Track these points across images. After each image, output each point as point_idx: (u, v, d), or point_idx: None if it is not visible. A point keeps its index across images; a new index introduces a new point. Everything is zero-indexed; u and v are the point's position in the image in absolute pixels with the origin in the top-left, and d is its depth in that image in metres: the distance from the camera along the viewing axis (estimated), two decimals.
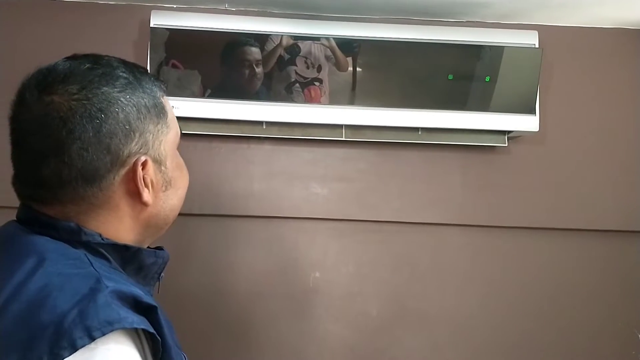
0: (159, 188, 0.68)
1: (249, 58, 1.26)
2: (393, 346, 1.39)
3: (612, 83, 1.44)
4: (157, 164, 0.67)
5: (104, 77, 0.63)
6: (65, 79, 0.62)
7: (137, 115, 0.64)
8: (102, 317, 0.53)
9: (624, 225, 1.43)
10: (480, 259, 1.42)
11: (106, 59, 0.67)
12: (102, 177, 0.62)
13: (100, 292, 0.55)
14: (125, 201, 0.66)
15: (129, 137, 0.63)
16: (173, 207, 0.73)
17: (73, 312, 0.52)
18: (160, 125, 0.68)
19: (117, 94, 0.63)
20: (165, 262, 0.73)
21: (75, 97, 0.60)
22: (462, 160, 1.41)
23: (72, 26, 1.37)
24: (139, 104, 0.65)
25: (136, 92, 0.65)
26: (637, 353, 1.44)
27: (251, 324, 1.38)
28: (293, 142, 1.38)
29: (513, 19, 1.39)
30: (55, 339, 0.51)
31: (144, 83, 0.67)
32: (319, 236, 1.40)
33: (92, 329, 0.51)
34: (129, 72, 0.66)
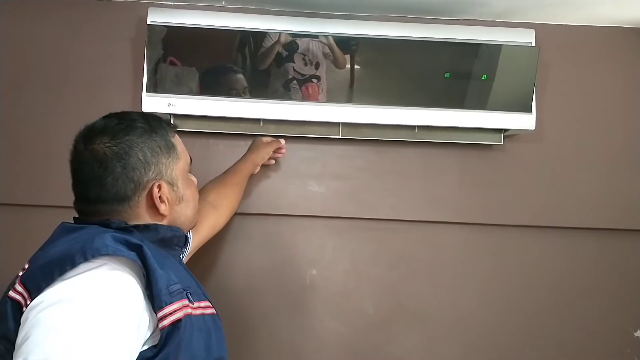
0: (173, 202, 0.93)
1: (235, 92, 1.27)
2: (389, 342, 1.40)
3: (609, 81, 1.44)
4: (170, 185, 0.92)
5: (126, 129, 0.89)
6: (101, 132, 0.88)
7: (152, 153, 0.90)
8: (95, 246, 0.77)
9: (619, 223, 1.44)
10: (476, 257, 1.43)
11: (130, 114, 0.92)
12: (130, 198, 0.88)
13: (101, 234, 0.79)
14: (149, 212, 0.91)
15: (147, 169, 0.89)
16: (187, 216, 0.97)
17: (78, 246, 0.78)
18: (171, 158, 0.93)
19: (136, 140, 0.88)
20: (182, 235, 0.96)
21: (107, 145, 0.87)
22: (459, 158, 1.42)
23: (69, 23, 1.36)
24: (154, 144, 0.90)
25: (150, 137, 0.90)
26: (631, 351, 1.45)
27: (248, 321, 1.38)
28: (290, 140, 1.38)
29: (510, 17, 1.39)
30: (64, 262, 0.76)
31: (157, 129, 0.92)
32: (316, 233, 1.41)
33: (87, 253, 0.76)
34: (146, 122, 0.91)
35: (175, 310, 0.80)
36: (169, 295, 0.80)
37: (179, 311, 0.80)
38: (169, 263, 0.85)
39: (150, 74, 1.26)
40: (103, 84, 1.36)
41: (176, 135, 0.97)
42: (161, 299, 0.78)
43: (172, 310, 0.79)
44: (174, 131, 0.97)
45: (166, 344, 0.78)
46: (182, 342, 0.79)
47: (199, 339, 0.83)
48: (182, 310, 0.80)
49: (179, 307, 0.80)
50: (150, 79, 1.26)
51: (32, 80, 1.36)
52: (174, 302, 0.80)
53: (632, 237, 1.45)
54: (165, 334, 0.78)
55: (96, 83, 1.36)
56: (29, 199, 1.36)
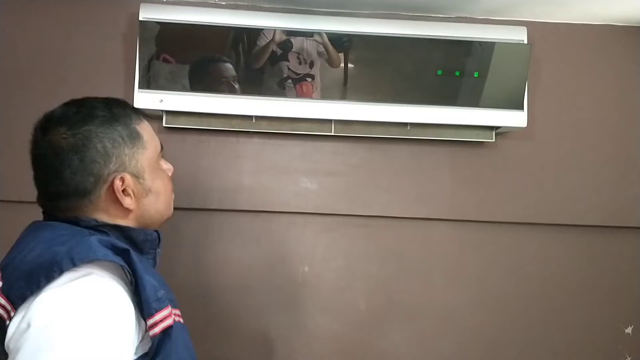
0: (140, 195, 0.87)
1: (225, 80, 1.26)
2: (381, 339, 1.40)
3: (600, 79, 1.45)
4: (135, 177, 0.86)
5: (85, 118, 0.82)
6: (58, 121, 0.82)
7: (113, 144, 0.83)
8: (83, 251, 0.73)
9: (610, 220, 1.44)
10: (468, 254, 1.43)
11: (90, 102, 0.85)
12: (90, 193, 0.83)
13: (87, 238, 0.76)
14: (113, 207, 0.85)
15: (108, 161, 0.83)
16: (157, 209, 0.91)
17: (64, 250, 0.73)
18: (136, 148, 0.86)
19: (95, 129, 0.82)
20: (155, 239, 0.90)
21: (64, 136, 0.81)
22: (450, 156, 1.42)
23: (61, 20, 1.36)
24: (115, 134, 0.84)
25: (112, 125, 0.84)
26: (622, 347, 1.45)
27: (240, 318, 1.38)
28: (282, 137, 1.38)
29: (502, 14, 1.39)
30: (49, 268, 0.72)
31: (120, 117, 0.85)
32: (308, 230, 1.41)
33: (75, 258, 0.72)
34: (107, 110, 0.85)
35: (164, 317, 0.78)
36: (158, 302, 0.78)
37: (168, 318, 0.78)
38: (147, 267, 0.82)
39: (142, 71, 1.26)
40: (95, 80, 1.36)
41: (144, 122, 0.90)
42: (150, 305, 0.76)
43: (162, 317, 0.77)
44: (142, 118, 0.90)
45: (159, 352, 0.76)
46: (173, 350, 0.78)
47: (184, 346, 0.83)
48: (171, 317, 0.79)
49: (167, 314, 0.79)
50: (143, 75, 1.26)
51: (24, 78, 1.35)
52: (163, 309, 0.78)
53: (623, 234, 1.45)
54: (157, 342, 0.76)
55: (88, 79, 1.36)
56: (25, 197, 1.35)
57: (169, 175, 0.96)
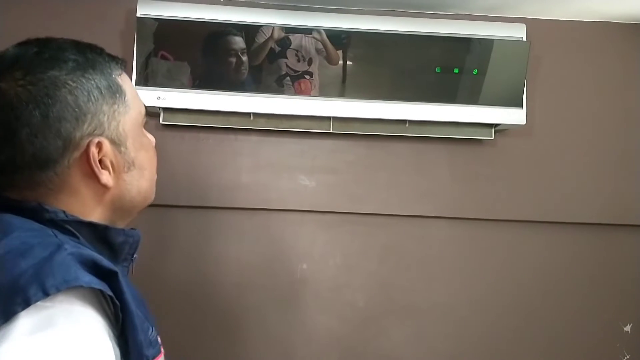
0: (120, 169, 0.68)
1: (234, 52, 1.25)
2: (380, 337, 1.40)
3: (599, 76, 1.44)
4: (115, 145, 0.67)
5: (50, 61, 0.63)
6: (12, 65, 0.62)
7: (88, 97, 0.64)
8: (58, 274, 0.53)
9: (609, 218, 1.44)
10: (467, 251, 1.43)
11: (57, 42, 0.67)
12: (56, 162, 0.62)
13: (60, 254, 0.55)
14: (85, 184, 0.66)
15: (80, 120, 0.63)
16: (140, 188, 0.72)
17: (30, 270, 0.53)
18: (117, 106, 0.67)
19: (64, 77, 0.62)
20: (137, 241, 0.72)
21: (20, 83, 0.61)
22: (449, 153, 1.42)
23: (57, 16, 1.35)
24: (90, 85, 0.64)
25: (87, 74, 0.65)
26: (621, 345, 1.45)
27: (238, 316, 1.38)
28: (281, 134, 1.38)
29: (501, 11, 1.39)
30: (10, 296, 0.51)
31: (97, 64, 0.67)
32: (307, 228, 1.40)
33: (47, 286, 0.52)
34: (80, 53, 0.66)
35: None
36: (150, 347, 0.62)
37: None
38: (129, 286, 0.63)
39: (140, 68, 1.25)
40: None
41: (125, 76, 0.72)
42: (142, 353, 0.60)
43: None
44: (123, 69, 0.72)
45: None
46: None
47: None
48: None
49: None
50: (141, 72, 1.25)
51: None
52: (158, 356, 0.64)
53: (622, 232, 1.45)
54: None
55: None
56: None
57: (154, 148, 0.79)
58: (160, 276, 1.36)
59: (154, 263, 1.36)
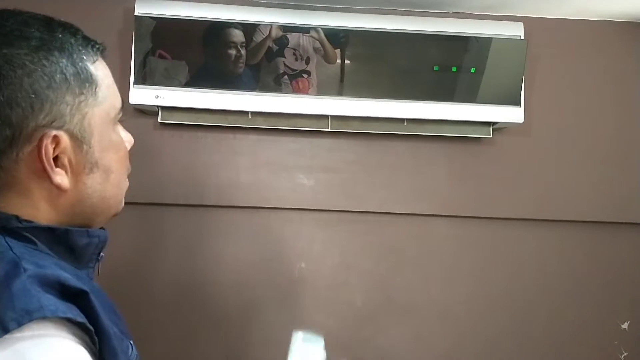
0: (81, 170, 0.59)
1: (233, 45, 1.26)
2: (378, 336, 1.40)
3: (597, 75, 1.45)
4: (77, 141, 0.58)
5: (8, 37, 0.55)
6: None
7: (49, 82, 0.55)
8: (19, 305, 0.46)
9: (607, 216, 1.44)
10: (465, 250, 1.43)
11: (23, 15, 0.59)
12: (3, 153, 0.54)
13: (17, 278, 0.48)
14: (36, 183, 0.57)
15: (36, 108, 0.54)
16: (104, 194, 0.63)
17: None
18: (84, 97, 0.58)
19: (22, 57, 0.54)
20: (103, 241, 0.64)
21: None
22: (447, 151, 1.42)
23: (55, 15, 1.34)
24: (53, 69, 0.55)
25: (51, 56, 0.56)
26: (619, 343, 1.46)
27: (237, 314, 1.38)
28: (279, 133, 1.38)
29: (498, 10, 1.39)
30: None
31: (66, 45, 0.58)
32: (305, 227, 1.40)
33: (6, 320, 0.45)
34: (48, 32, 0.58)
35: None
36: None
37: None
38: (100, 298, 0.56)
39: (138, 66, 1.25)
40: None
41: (101, 63, 0.64)
42: None
43: None
44: (99, 55, 0.64)
45: None
46: None
47: None
48: None
49: None
50: (139, 71, 1.25)
51: None
52: None
53: (620, 230, 1.45)
54: None
55: None
56: None
57: (127, 149, 0.68)
58: (158, 275, 1.36)
59: (152, 262, 1.36)
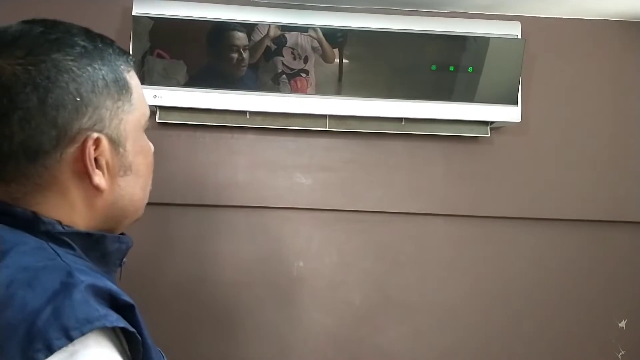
0: (116, 172, 0.62)
1: (235, 48, 1.26)
2: (375, 334, 1.41)
3: (594, 74, 1.45)
4: (114, 144, 0.61)
5: (56, 43, 0.57)
6: (13, 42, 0.56)
7: (92, 87, 0.58)
8: (80, 314, 0.48)
9: (604, 215, 1.45)
10: (463, 249, 1.43)
11: (66, 25, 0.61)
12: (47, 154, 0.56)
13: (76, 287, 0.50)
14: (75, 184, 0.59)
15: (80, 111, 0.57)
16: (133, 197, 0.66)
17: (46, 309, 0.47)
18: (122, 103, 0.62)
19: (69, 63, 0.57)
20: (129, 247, 0.68)
21: (21, 62, 0.55)
22: (445, 151, 1.42)
23: (51, 14, 1.33)
24: (96, 75, 0.59)
25: (94, 63, 0.59)
26: (616, 341, 1.46)
27: (235, 313, 1.39)
28: (277, 132, 1.38)
29: (496, 9, 1.39)
30: (28, 340, 0.46)
31: (106, 54, 0.61)
32: (303, 226, 1.41)
33: (69, 329, 0.47)
34: (90, 41, 0.60)
35: None
36: None
37: None
38: None
39: (136, 66, 1.25)
40: None
41: (133, 73, 0.66)
42: None
43: None
44: (132, 66, 0.67)
45: None
46: None
47: None
48: None
49: None
50: (137, 71, 1.25)
51: None
52: None
53: (617, 228, 1.46)
54: None
55: None
56: None
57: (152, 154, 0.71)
58: (156, 274, 1.36)
59: (150, 261, 1.36)
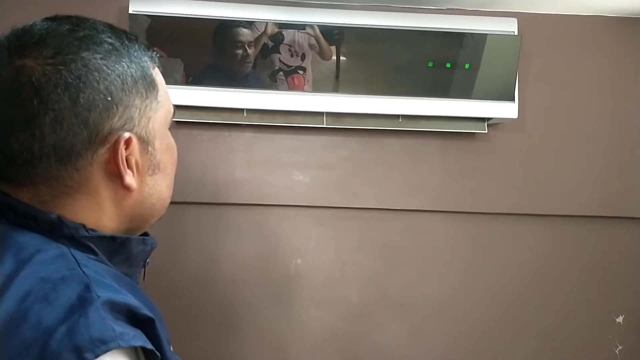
0: (145, 171, 0.61)
1: (233, 46, 1.26)
2: (373, 331, 1.41)
3: (590, 70, 1.45)
4: (143, 143, 0.60)
5: (84, 41, 0.56)
6: (41, 41, 0.55)
7: (122, 86, 0.57)
8: (95, 335, 0.46)
9: (602, 211, 1.45)
10: (460, 245, 1.44)
11: (91, 21, 0.60)
12: (79, 155, 0.55)
13: (92, 304, 0.48)
14: (106, 185, 0.58)
15: (111, 111, 0.56)
16: (161, 195, 0.65)
17: (61, 329, 0.46)
18: (150, 100, 0.61)
19: (99, 61, 0.55)
20: (153, 248, 0.67)
21: (50, 62, 0.53)
22: (442, 147, 1.42)
23: (48, 12, 1.34)
24: (125, 73, 0.57)
25: (122, 61, 0.58)
26: (613, 336, 1.47)
27: (234, 311, 1.39)
28: (274, 130, 1.38)
29: (492, 6, 1.39)
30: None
31: (132, 51, 0.60)
32: (301, 223, 1.41)
33: (83, 350, 0.45)
34: (116, 37, 0.59)
35: None
36: None
37: None
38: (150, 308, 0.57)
39: None
40: None
41: (157, 70, 0.65)
42: None
43: None
44: (157, 62, 0.65)
45: None
46: None
47: None
48: None
49: None
50: None
51: None
52: None
53: (615, 224, 1.46)
54: None
55: None
56: None
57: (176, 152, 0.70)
58: (154, 272, 1.35)
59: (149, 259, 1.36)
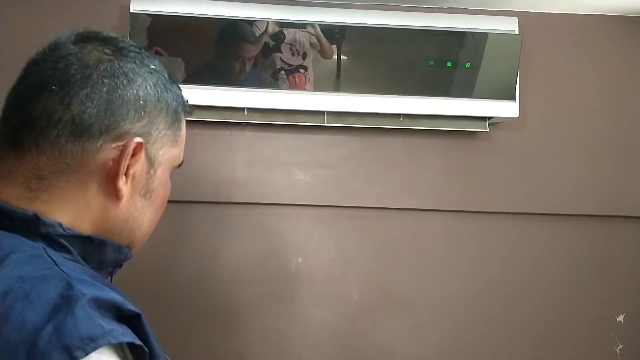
0: (138, 188, 0.62)
1: (235, 44, 1.26)
2: (374, 329, 1.41)
3: (591, 69, 1.45)
4: (148, 162, 0.62)
5: (140, 56, 0.62)
6: (107, 40, 0.61)
7: (156, 104, 0.61)
8: (84, 332, 0.45)
9: (602, 209, 1.45)
10: (461, 244, 1.44)
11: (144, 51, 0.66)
12: (91, 136, 0.56)
13: (77, 302, 0.47)
14: (99, 181, 0.58)
15: (138, 115, 0.59)
16: (142, 224, 0.65)
17: (47, 328, 0.44)
18: (171, 132, 0.65)
19: (147, 75, 0.61)
20: (126, 259, 0.66)
21: (108, 53, 0.59)
22: (443, 146, 1.42)
23: (49, 12, 1.35)
24: (163, 96, 0.62)
25: (166, 86, 0.64)
26: (614, 335, 1.47)
27: (234, 310, 1.39)
28: (275, 129, 1.38)
29: (493, 5, 1.39)
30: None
31: (174, 89, 0.66)
32: (302, 222, 1.41)
33: (72, 349, 0.44)
34: (163, 69, 0.65)
35: None
36: None
37: None
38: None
39: None
40: None
41: (184, 118, 0.71)
42: None
43: None
44: (187, 111, 0.71)
45: None
46: None
47: None
48: None
49: None
50: None
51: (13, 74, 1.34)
52: None
53: (615, 223, 1.46)
54: None
55: None
56: None
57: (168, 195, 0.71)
58: (154, 271, 1.37)
59: (148, 259, 1.36)
